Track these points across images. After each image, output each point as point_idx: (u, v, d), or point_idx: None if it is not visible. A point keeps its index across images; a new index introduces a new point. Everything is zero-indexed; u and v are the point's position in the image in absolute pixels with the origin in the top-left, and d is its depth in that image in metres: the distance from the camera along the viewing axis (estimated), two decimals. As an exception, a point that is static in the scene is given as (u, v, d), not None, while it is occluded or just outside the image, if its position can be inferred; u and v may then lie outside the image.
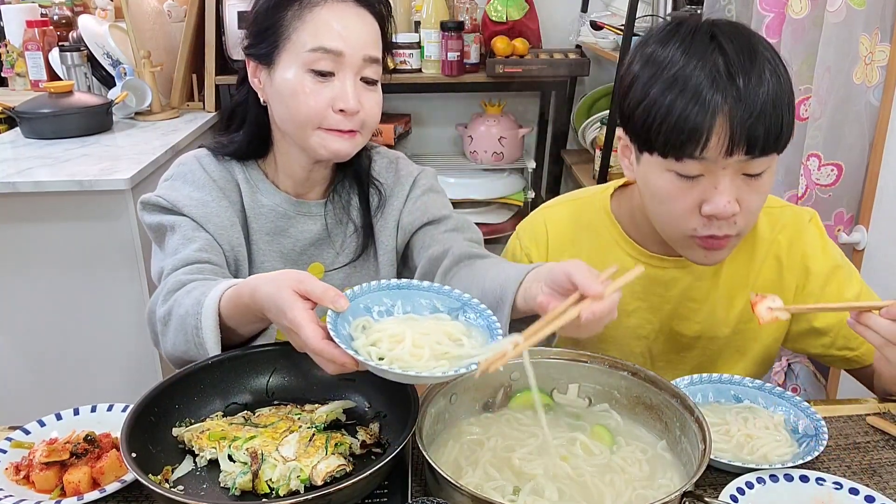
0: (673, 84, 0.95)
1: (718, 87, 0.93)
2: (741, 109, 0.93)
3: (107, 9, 2.73)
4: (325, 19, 1.07)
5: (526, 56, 2.55)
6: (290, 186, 1.21)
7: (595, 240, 1.19)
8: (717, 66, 0.94)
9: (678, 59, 0.96)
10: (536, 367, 0.99)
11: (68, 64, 2.56)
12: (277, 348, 1.02)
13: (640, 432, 0.96)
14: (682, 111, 0.94)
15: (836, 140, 1.64)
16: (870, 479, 0.92)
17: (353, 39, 1.08)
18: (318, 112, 1.08)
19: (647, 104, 0.98)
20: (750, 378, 1.06)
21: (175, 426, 0.92)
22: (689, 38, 0.97)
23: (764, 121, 0.94)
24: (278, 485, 0.82)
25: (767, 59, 0.96)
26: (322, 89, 1.08)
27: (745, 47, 0.96)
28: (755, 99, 0.93)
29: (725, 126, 0.93)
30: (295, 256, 1.22)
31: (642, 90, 0.99)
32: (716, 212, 0.98)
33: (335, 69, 1.08)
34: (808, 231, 1.17)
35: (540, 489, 0.84)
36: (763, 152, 0.96)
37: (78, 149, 2.11)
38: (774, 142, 0.96)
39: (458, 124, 2.79)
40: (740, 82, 0.93)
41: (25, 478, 0.89)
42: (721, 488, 0.87)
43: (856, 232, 1.70)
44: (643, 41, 1.04)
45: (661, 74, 0.97)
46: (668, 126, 0.96)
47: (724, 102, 0.93)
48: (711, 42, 0.96)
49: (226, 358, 0.99)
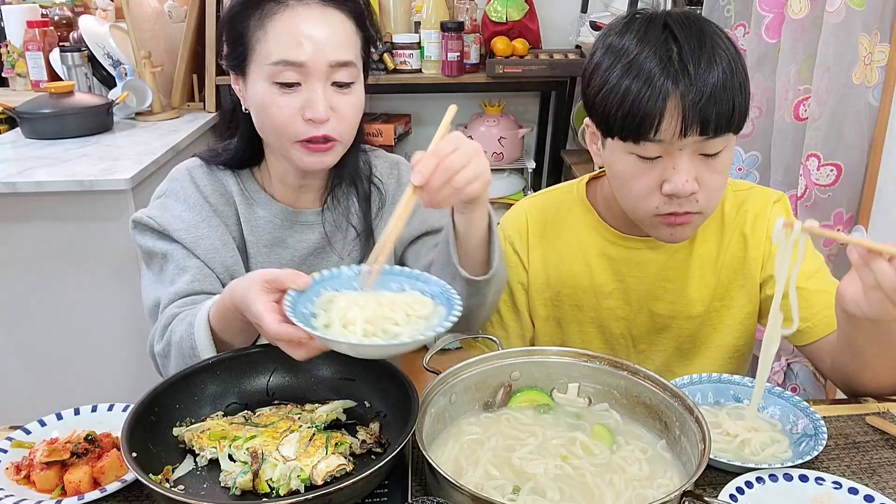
0: (627, 71, 1.00)
1: (669, 73, 0.98)
2: (692, 92, 0.98)
3: (107, 9, 2.73)
4: (286, 28, 1.04)
5: (526, 56, 2.55)
6: (285, 195, 1.20)
7: (572, 225, 1.24)
8: (668, 52, 0.99)
9: (633, 47, 1.01)
10: (537, 366, 1.00)
11: (69, 64, 2.56)
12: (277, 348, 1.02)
13: (640, 432, 0.96)
14: (636, 96, 0.99)
15: (836, 140, 1.64)
16: (869, 478, 0.92)
17: (316, 47, 1.04)
18: (289, 123, 1.06)
19: (606, 91, 1.03)
20: (749, 378, 1.06)
21: (175, 426, 0.92)
22: (644, 28, 1.02)
23: (715, 103, 0.98)
24: (279, 484, 0.83)
25: (719, 44, 1.01)
26: (289, 100, 1.05)
27: (697, 35, 1.01)
28: (705, 82, 0.98)
29: (678, 109, 0.98)
30: (294, 267, 1.17)
31: (601, 78, 1.04)
32: (675, 190, 1.02)
33: (300, 79, 1.05)
34: (773, 209, 1.20)
35: (540, 489, 0.85)
36: (717, 133, 1.00)
37: (78, 149, 2.11)
38: (727, 122, 1.00)
39: (457, 124, 2.79)
40: (691, 68, 0.98)
41: (26, 477, 0.89)
42: (720, 488, 0.87)
43: (855, 232, 1.71)
44: (604, 32, 1.08)
45: (617, 63, 1.02)
46: (623, 111, 1.01)
47: (675, 87, 0.98)
48: (664, 31, 1.01)
49: (226, 358, 0.99)
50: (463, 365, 0.97)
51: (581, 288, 1.23)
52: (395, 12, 2.61)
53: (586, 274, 1.23)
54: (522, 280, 1.27)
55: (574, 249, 1.24)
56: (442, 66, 2.52)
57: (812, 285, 1.14)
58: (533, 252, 1.26)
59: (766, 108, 1.88)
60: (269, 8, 1.05)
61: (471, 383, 0.98)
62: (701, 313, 1.21)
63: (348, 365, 1.00)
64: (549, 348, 1.02)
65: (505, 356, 1.00)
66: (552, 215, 1.27)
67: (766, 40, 1.81)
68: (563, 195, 1.28)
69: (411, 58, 2.56)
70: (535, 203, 1.30)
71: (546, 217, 1.27)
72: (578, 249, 1.23)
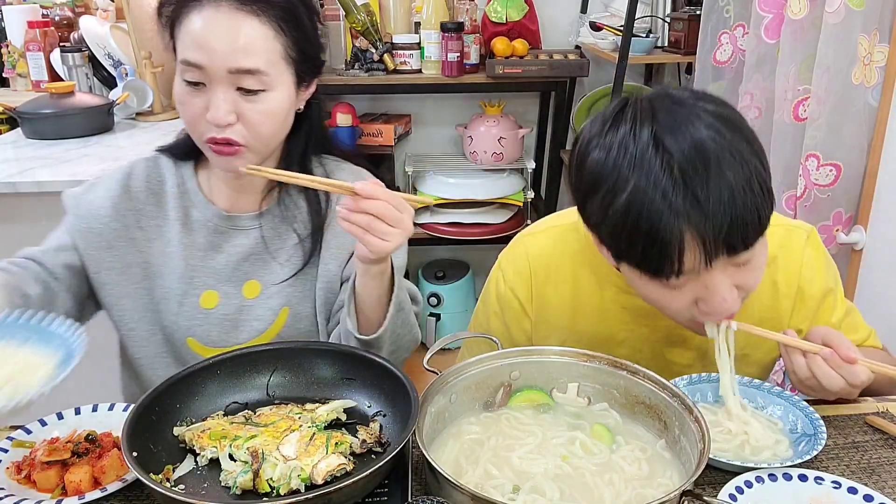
0: (627, 211, 0.87)
1: (677, 211, 0.84)
2: (708, 225, 0.85)
3: (108, 10, 2.73)
4: (194, 27, 1.02)
5: (526, 57, 2.55)
6: (222, 198, 1.17)
7: (580, 270, 1.13)
8: (668, 182, 0.85)
9: (627, 178, 0.87)
10: (536, 366, 1.00)
11: (69, 64, 2.56)
12: (278, 348, 1.02)
13: (640, 431, 0.96)
14: (646, 245, 0.87)
15: (835, 140, 1.65)
16: (868, 478, 0.92)
17: (215, 51, 1.00)
18: (195, 121, 1.05)
19: (609, 230, 0.91)
20: (749, 378, 1.06)
21: (176, 425, 0.93)
22: (633, 151, 0.87)
23: (737, 224, 0.86)
24: (279, 484, 0.83)
25: (722, 146, 0.86)
26: (196, 99, 1.04)
27: (694, 146, 0.85)
28: (719, 206, 0.84)
29: (697, 243, 0.86)
30: (229, 273, 1.16)
31: (599, 210, 0.91)
32: (713, 310, 0.93)
33: (204, 80, 1.03)
34: (805, 253, 1.12)
35: (540, 488, 0.85)
36: (746, 247, 0.89)
37: (79, 149, 2.11)
38: (755, 233, 0.88)
39: (457, 125, 2.79)
40: (699, 192, 0.84)
41: (27, 477, 0.89)
42: (720, 487, 0.87)
43: (854, 232, 1.71)
44: (585, 140, 0.94)
45: (614, 197, 0.88)
46: (636, 258, 0.90)
47: (689, 224, 0.85)
48: (657, 152, 0.86)
49: (227, 357, 0.99)
50: (463, 365, 0.97)
51: (589, 336, 1.13)
52: (395, 12, 2.61)
53: (596, 322, 1.13)
54: (525, 328, 1.18)
55: (583, 297, 1.13)
56: (442, 66, 2.53)
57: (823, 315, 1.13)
58: (537, 299, 1.16)
59: (765, 108, 1.88)
60: (186, 3, 1.03)
61: (471, 383, 0.98)
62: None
63: (348, 365, 1.01)
64: (549, 348, 1.02)
65: (505, 356, 1.00)
66: (557, 260, 1.15)
67: (766, 40, 1.81)
68: (568, 234, 1.15)
69: (411, 58, 2.56)
70: (538, 244, 1.18)
71: (550, 261, 1.15)
72: (586, 295, 1.13)
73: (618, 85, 2.21)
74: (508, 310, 1.18)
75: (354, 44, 2.53)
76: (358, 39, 2.52)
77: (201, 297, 1.15)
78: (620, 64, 2.19)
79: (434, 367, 0.96)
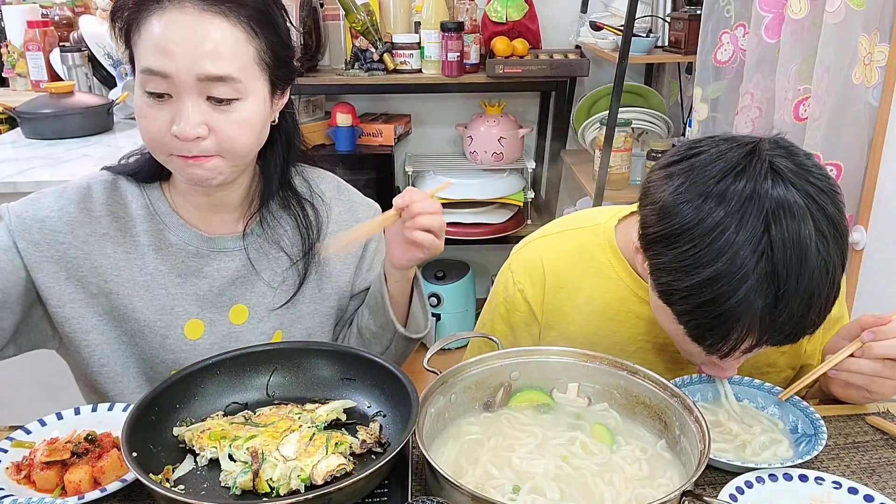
0: (706, 285, 0.83)
1: (754, 311, 0.82)
2: (771, 335, 0.85)
3: (108, 9, 2.73)
4: (156, 32, 0.92)
5: (526, 56, 2.55)
6: (196, 217, 1.08)
7: (598, 277, 1.11)
8: (758, 279, 0.81)
9: (719, 254, 0.82)
10: (536, 366, 1.00)
11: (69, 64, 2.56)
12: (278, 348, 1.02)
13: (640, 432, 0.96)
14: (706, 323, 0.85)
15: (835, 140, 1.64)
16: (869, 478, 0.92)
17: (180, 56, 0.91)
18: (159, 136, 0.95)
19: (675, 287, 0.86)
20: (749, 378, 1.06)
21: (176, 426, 0.92)
22: (738, 228, 0.82)
23: (796, 331, 0.86)
24: (279, 484, 0.83)
25: (820, 254, 0.82)
26: (158, 112, 0.94)
27: (798, 249, 0.81)
28: (790, 321, 0.83)
29: (754, 338, 0.85)
30: (213, 298, 1.08)
31: (673, 263, 0.86)
32: (726, 367, 0.97)
33: (170, 90, 0.93)
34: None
35: (540, 488, 0.85)
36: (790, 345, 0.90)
37: (79, 149, 2.11)
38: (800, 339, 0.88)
39: (458, 124, 2.79)
40: (780, 302, 0.82)
41: (26, 477, 0.89)
42: (720, 487, 0.87)
43: (855, 232, 1.71)
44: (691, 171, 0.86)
45: (697, 263, 0.83)
46: (689, 323, 0.88)
47: (756, 327, 0.84)
48: (761, 239, 0.81)
49: (227, 358, 0.99)
50: (463, 365, 0.97)
51: (601, 346, 1.09)
52: (395, 12, 2.62)
53: (610, 331, 1.11)
54: (533, 333, 1.16)
55: (597, 304, 1.11)
56: (442, 66, 2.53)
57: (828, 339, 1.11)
58: (549, 304, 1.13)
59: (765, 108, 1.88)
60: (145, 6, 0.93)
61: (471, 383, 0.98)
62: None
63: (348, 365, 1.01)
64: (549, 348, 1.02)
65: (505, 356, 1.00)
66: (573, 263, 1.12)
67: (766, 40, 1.81)
68: (587, 237, 1.13)
69: (411, 58, 2.56)
70: (554, 247, 1.15)
71: (565, 265, 1.12)
72: (602, 304, 1.10)
73: (618, 85, 2.21)
74: (515, 313, 1.17)
75: (354, 44, 2.53)
76: (358, 39, 2.52)
77: (185, 327, 1.07)
78: (620, 64, 2.19)
79: (434, 367, 0.96)
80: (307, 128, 2.55)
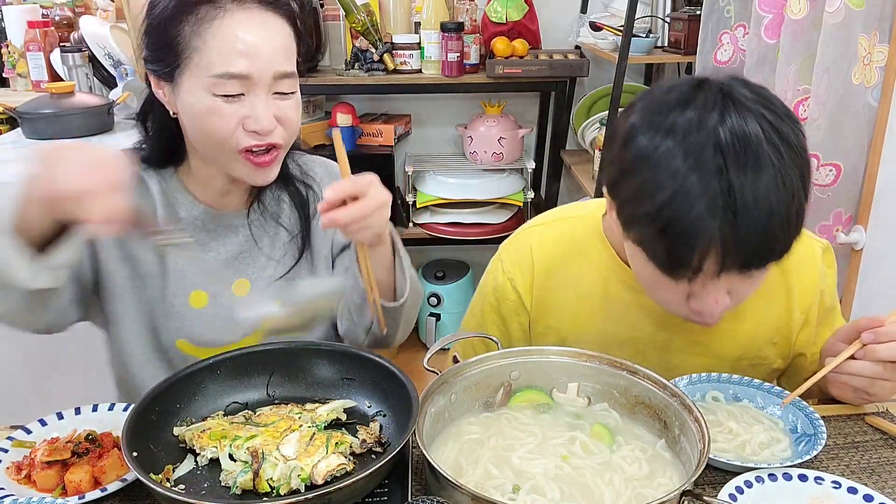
0: (670, 202, 0.85)
1: (714, 224, 0.84)
2: (737, 246, 0.85)
3: (108, 10, 2.73)
4: (227, 37, 0.97)
5: (525, 57, 2.55)
6: (208, 197, 1.14)
7: (585, 265, 1.13)
8: (715, 194, 0.83)
9: (676, 174, 0.85)
10: (536, 366, 1.00)
11: (70, 65, 2.56)
12: (278, 348, 1.02)
13: (640, 431, 0.96)
14: (671, 244, 0.87)
15: (835, 140, 1.65)
16: (868, 478, 0.92)
17: (260, 56, 0.98)
18: (230, 133, 1.00)
19: (641, 211, 0.89)
20: (749, 378, 1.06)
21: (176, 425, 0.93)
22: (692, 147, 0.84)
23: (762, 250, 0.87)
24: (279, 484, 0.83)
25: (777, 170, 0.84)
26: (232, 110, 0.99)
27: (753, 163, 0.83)
28: (753, 232, 0.84)
29: (718, 256, 0.86)
30: (218, 270, 1.14)
31: (636, 193, 0.89)
32: (703, 310, 0.94)
33: (244, 90, 0.99)
34: (820, 269, 1.12)
35: (540, 488, 0.85)
36: (758, 269, 0.90)
37: (79, 149, 2.11)
38: (772, 260, 0.89)
39: (458, 125, 2.79)
40: (739, 214, 0.83)
41: (27, 477, 0.90)
42: (720, 487, 0.87)
43: (854, 232, 1.71)
44: (650, 109, 0.90)
45: (656, 188, 0.86)
46: (656, 251, 0.90)
47: (720, 240, 0.84)
48: (715, 155, 0.83)
49: (227, 357, 0.99)
50: (463, 365, 0.97)
51: (590, 335, 1.11)
52: (395, 12, 2.61)
53: (598, 320, 1.12)
54: (523, 323, 1.17)
55: (585, 292, 1.12)
56: (442, 66, 2.53)
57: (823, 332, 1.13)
58: (538, 292, 1.14)
59: (765, 108, 1.88)
60: (204, 13, 0.97)
61: (471, 383, 0.98)
62: (726, 370, 1.09)
63: (348, 365, 1.01)
64: (549, 348, 1.02)
65: (505, 356, 1.00)
66: (562, 251, 1.13)
67: (766, 41, 1.81)
68: (574, 226, 1.15)
69: (411, 58, 2.56)
70: (543, 236, 1.16)
71: (554, 252, 1.14)
72: (590, 293, 1.12)
73: (618, 85, 2.21)
74: (505, 302, 1.17)
75: (354, 44, 2.53)
76: (358, 39, 2.52)
77: (190, 297, 1.13)
78: (620, 64, 2.19)
79: (434, 367, 0.96)
80: (307, 128, 2.55)
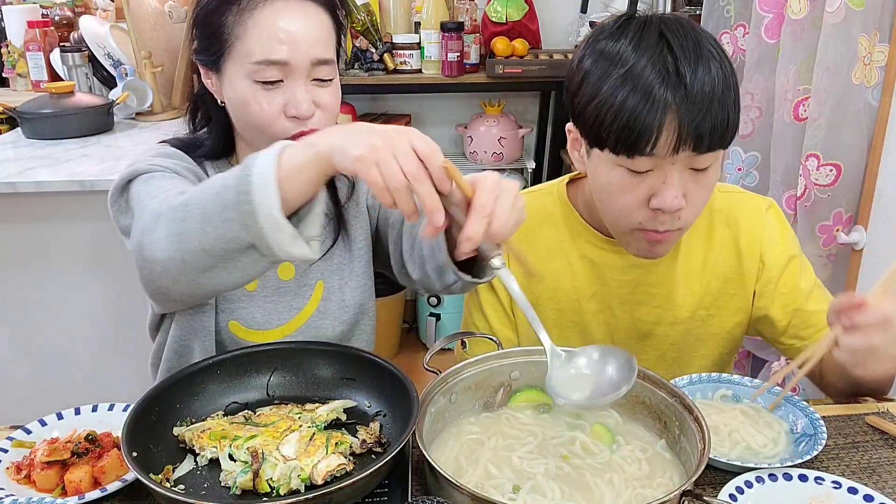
0: (624, 82, 0.96)
1: (668, 85, 0.95)
2: (689, 107, 0.95)
3: (108, 9, 2.74)
4: (267, 24, 1.01)
5: (526, 57, 2.55)
6: None
7: (553, 228, 1.21)
8: (666, 63, 0.96)
9: (629, 55, 0.97)
10: (537, 366, 1.00)
11: (69, 64, 2.56)
12: (278, 348, 1.02)
13: (640, 431, 0.96)
14: (634, 109, 0.95)
15: (835, 140, 1.64)
16: (868, 478, 0.92)
17: (298, 44, 1.01)
18: (271, 119, 1.04)
19: (599, 102, 0.99)
20: (749, 378, 1.06)
21: (176, 425, 0.93)
22: (639, 35, 0.98)
23: (710, 118, 0.96)
24: (279, 484, 0.83)
25: (713, 54, 0.98)
26: (272, 97, 1.03)
27: (692, 43, 0.97)
28: (702, 96, 0.95)
29: (674, 123, 0.95)
30: None
31: (593, 87, 1.00)
32: (663, 205, 1.00)
33: (283, 76, 1.03)
34: (765, 220, 1.19)
35: (540, 488, 0.85)
36: (710, 148, 0.98)
37: (79, 149, 2.11)
38: (720, 138, 0.98)
39: (457, 124, 2.79)
40: (688, 79, 0.95)
41: (27, 477, 0.89)
42: (720, 487, 0.87)
43: (854, 232, 1.71)
44: (593, 36, 1.05)
45: (611, 72, 0.98)
46: (619, 124, 0.97)
47: (673, 100, 0.94)
48: (660, 39, 0.97)
49: (227, 357, 0.99)
50: (463, 365, 0.97)
51: (562, 291, 1.20)
52: (395, 12, 2.62)
53: (567, 277, 1.20)
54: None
55: (555, 252, 1.21)
56: (442, 66, 2.53)
57: (810, 305, 1.16)
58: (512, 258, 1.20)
59: (765, 108, 1.88)
60: (246, 3, 1.02)
61: (471, 383, 0.98)
62: (686, 319, 1.19)
63: (348, 365, 1.01)
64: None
65: (505, 356, 1.00)
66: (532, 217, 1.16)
67: (766, 40, 1.81)
68: (544, 196, 1.24)
69: (411, 58, 2.56)
70: None
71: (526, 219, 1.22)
72: (560, 252, 1.21)
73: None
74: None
75: (354, 44, 2.53)
76: (358, 39, 2.52)
77: None
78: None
79: (434, 367, 0.96)
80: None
